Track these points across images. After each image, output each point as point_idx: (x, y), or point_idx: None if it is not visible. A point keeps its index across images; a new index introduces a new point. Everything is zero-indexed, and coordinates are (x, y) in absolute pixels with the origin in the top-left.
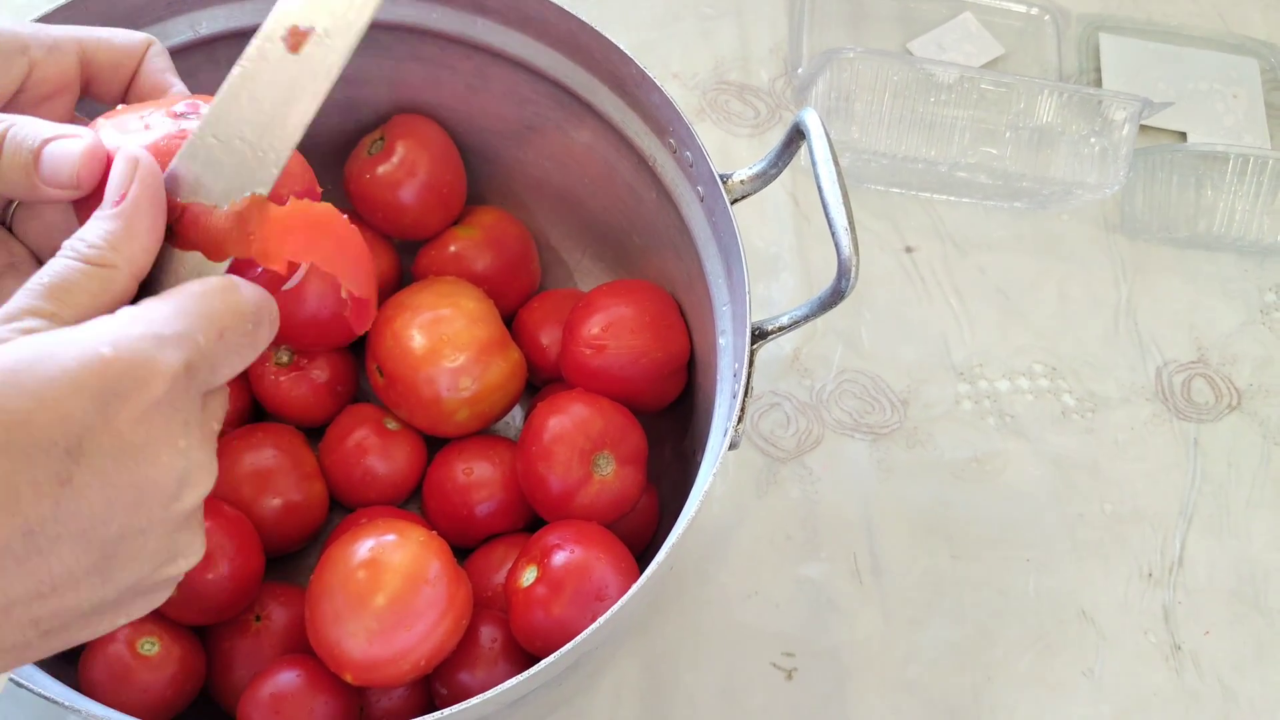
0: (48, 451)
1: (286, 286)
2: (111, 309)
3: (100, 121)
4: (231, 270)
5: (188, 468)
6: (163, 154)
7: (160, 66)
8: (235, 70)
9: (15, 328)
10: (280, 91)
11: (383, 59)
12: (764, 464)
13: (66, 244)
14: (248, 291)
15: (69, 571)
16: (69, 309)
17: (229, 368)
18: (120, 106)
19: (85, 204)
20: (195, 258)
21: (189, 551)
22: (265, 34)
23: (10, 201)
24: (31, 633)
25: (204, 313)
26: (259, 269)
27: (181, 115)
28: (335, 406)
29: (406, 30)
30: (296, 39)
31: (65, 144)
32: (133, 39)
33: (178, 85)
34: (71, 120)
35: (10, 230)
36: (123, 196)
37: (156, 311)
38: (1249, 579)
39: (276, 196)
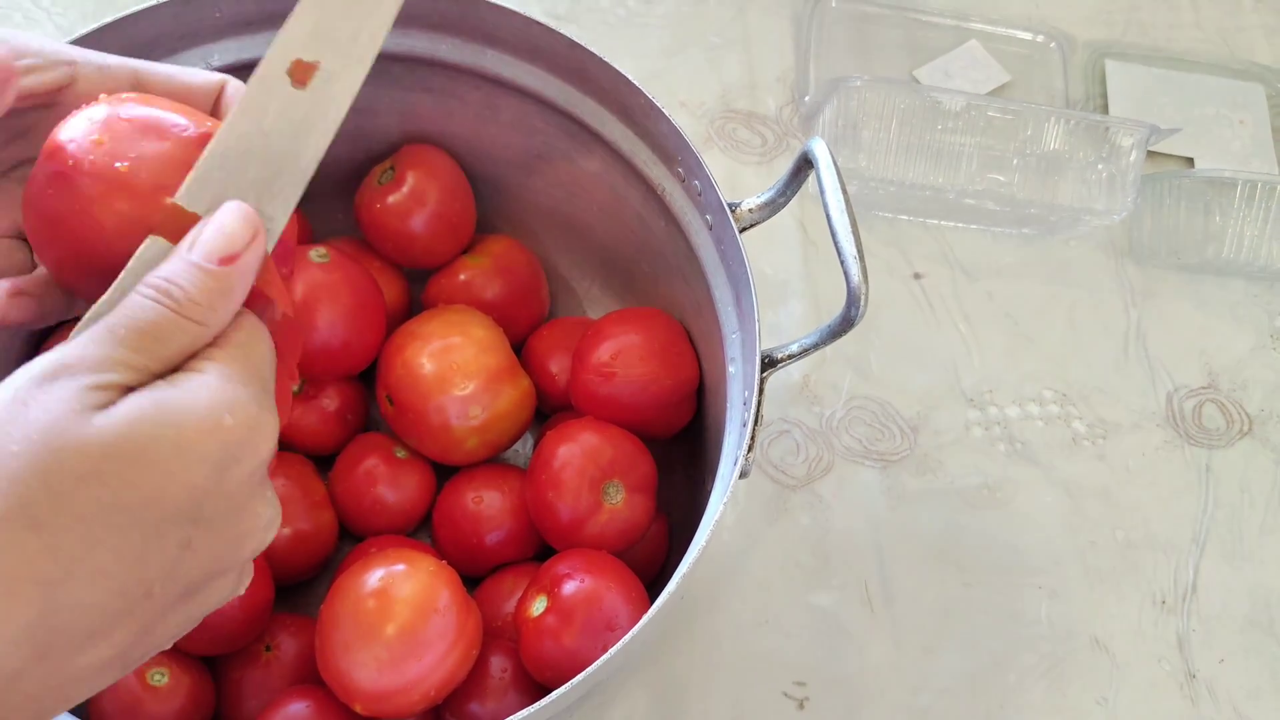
0: (174, 521)
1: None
2: (186, 358)
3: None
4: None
5: (273, 515)
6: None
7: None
8: (239, 104)
9: (110, 381)
10: (289, 127)
11: (393, 89)
12: (774, 491)
13: (158, 285)
14: (267, 333)
15: (164, 618)
16: (159, 361)
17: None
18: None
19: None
20: None
21: (246, 581)
22: (268, 66)
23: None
24: (118, 672)
25: (262, 355)
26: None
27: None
28: (345, 435)
29: (416, 61)
30: (302, 73)
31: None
32: (205, 80)
33: None
34: None
35: None
36: (235, 257)
37: (237, 366)
38: (1264, 606)
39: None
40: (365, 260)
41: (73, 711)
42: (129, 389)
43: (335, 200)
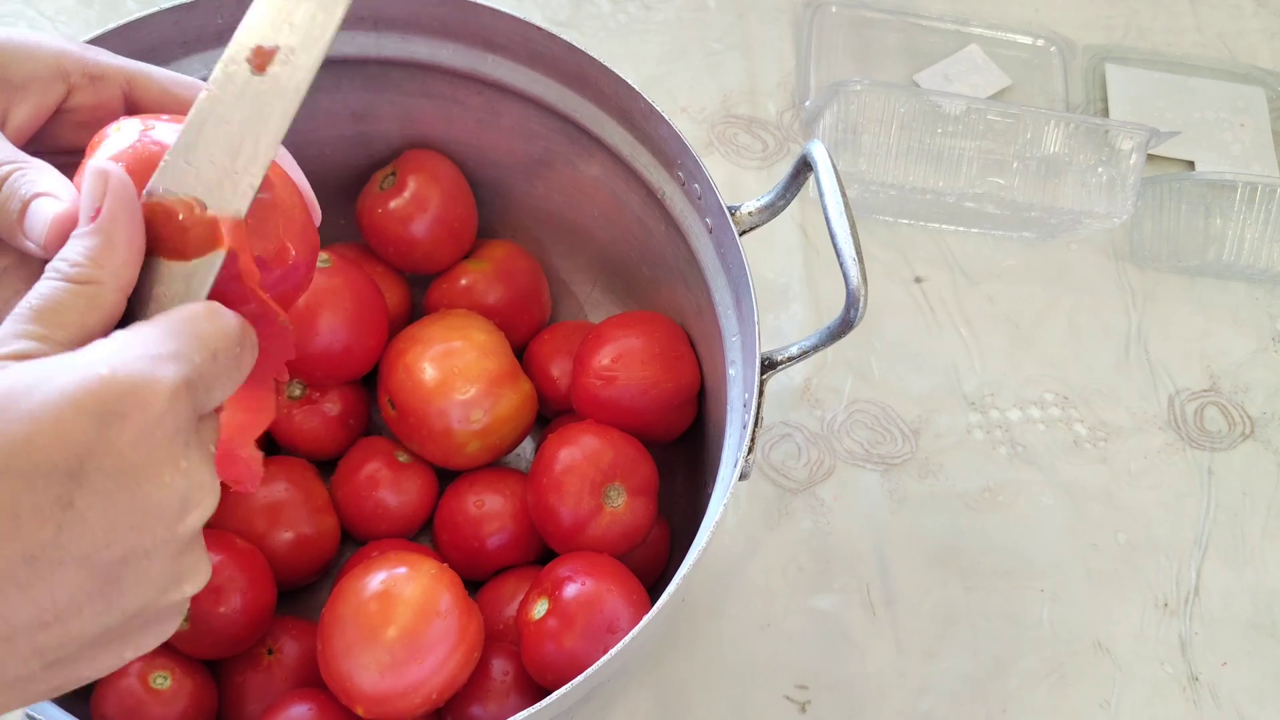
0: (48, 475)
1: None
2: (104, 327)
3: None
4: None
5: (189, 487)
6: (138, 159)
7: None
8: (201, 94)
9: (6, 352)
10: (248, 113)
11: (394, 95)
12: (775, 495)
13: (50, 265)
14: (230, 315)
15: (71, 598)
16: (60, 330)
17: (221, 390)
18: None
19: None
20: (182, 270)
21: (194, 575)
22: (230, 56)
23: None
24: (36, 664)
25: (196, 334)
26: (249, 304)
27: (153, 127)
28: (347, 439)
29: (417, 67)
30: (261, 59)
31: (43, 204)
32: (187, 84)
33: None
34: None
35: None
36: (98, 211)
37: (150, 333)
38: (1266, 608)
39: (278, 242)
40: (367, 265)
41: (78, 715)
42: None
43: (337, 205)
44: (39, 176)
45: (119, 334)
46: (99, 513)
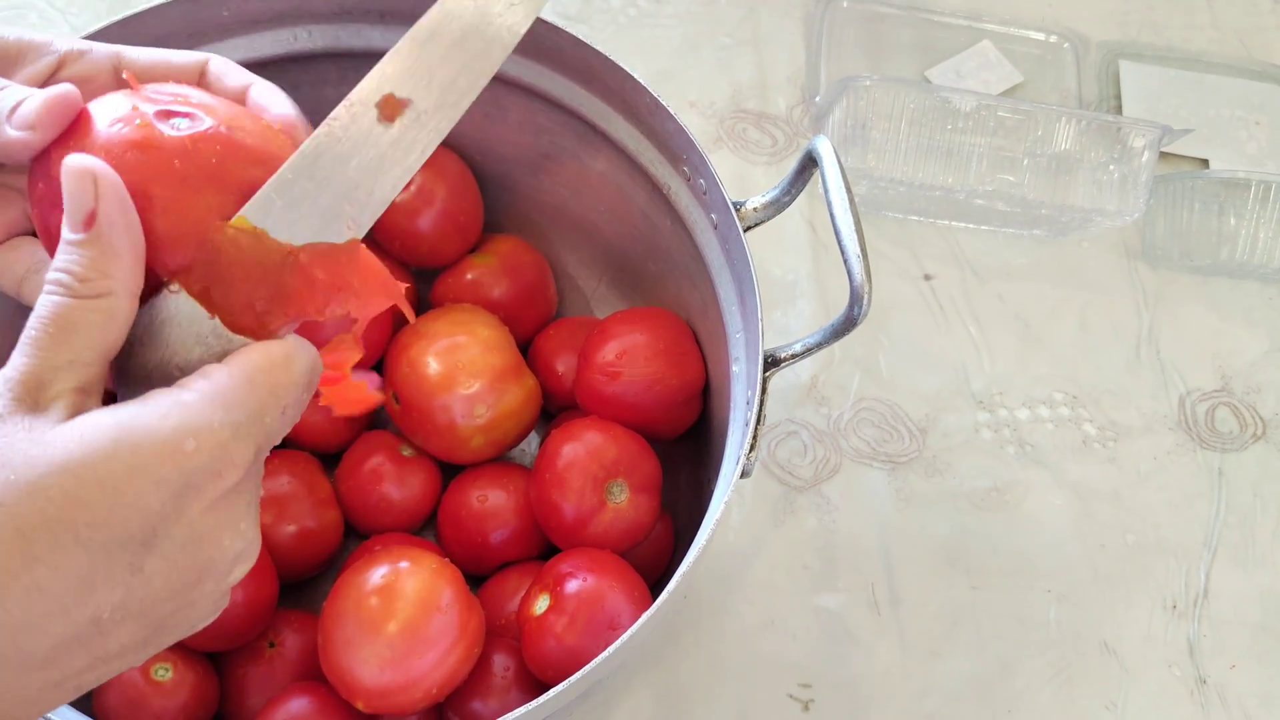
0: (124, 545)
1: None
2: (121, 336)
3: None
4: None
5: (244, 548)
6: (127, 146)
7: (225, 74)
8: (322, 129)
9: (62, 389)
10: (368, 160)
11: None
12: (781, 493)
13: (51, 278)
14: (305, 358)
15: (124, 646)
16: (87, 350)
17: (281, 436)
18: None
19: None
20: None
21: (219, 608)
22: (359, 94)
23: None
24: (72, 693)
25: (272, 388)
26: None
27: (166, 112)
28: (351, 433)
29: None
30: (391, 109)
31: (35, 95)
32: (188, 59)
33: (253, 84)
34: None
35: None
36: (90, 215)
37: (229, 390)
38: (1276, 612)
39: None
40: None
41: (76, 706)
42: (79, 391)
43: None
44: (21, 89)
45: (199, 388)
46: (164, 576)
